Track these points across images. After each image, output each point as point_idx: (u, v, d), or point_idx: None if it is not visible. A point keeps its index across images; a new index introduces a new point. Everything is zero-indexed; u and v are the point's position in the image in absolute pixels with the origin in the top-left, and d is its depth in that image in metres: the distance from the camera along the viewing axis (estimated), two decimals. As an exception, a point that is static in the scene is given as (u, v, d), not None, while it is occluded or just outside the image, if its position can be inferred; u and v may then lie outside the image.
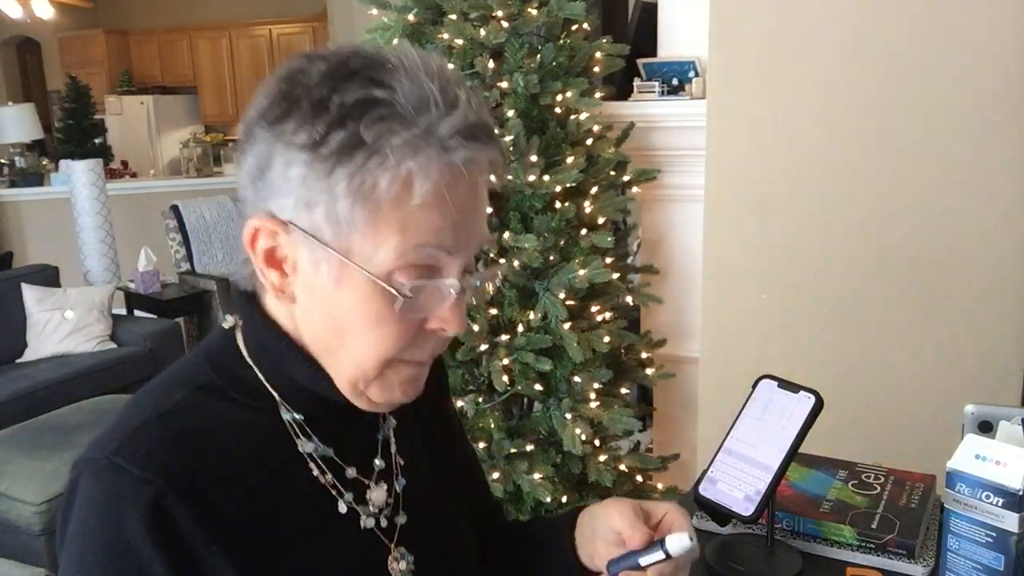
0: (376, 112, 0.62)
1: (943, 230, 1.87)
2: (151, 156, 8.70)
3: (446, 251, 0.65)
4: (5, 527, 2.71)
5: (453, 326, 0.68)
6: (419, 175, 0.62)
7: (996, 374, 1.85)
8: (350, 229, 0.64)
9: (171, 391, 0.71)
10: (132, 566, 0.63)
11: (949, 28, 1.79)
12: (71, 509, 0.66)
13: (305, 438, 0.73)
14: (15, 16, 6.81)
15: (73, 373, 3.90)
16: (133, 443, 0.66)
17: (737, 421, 1.00)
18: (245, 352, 0.73)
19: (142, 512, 0.63)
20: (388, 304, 0.65)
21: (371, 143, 0.62)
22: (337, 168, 0.62)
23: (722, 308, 2.17)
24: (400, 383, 0.71)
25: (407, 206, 0.63)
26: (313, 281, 0.67)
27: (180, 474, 0.65)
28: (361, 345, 0.68)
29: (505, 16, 2.16)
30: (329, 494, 0.73)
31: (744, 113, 2.05)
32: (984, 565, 0.87)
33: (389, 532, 0.77)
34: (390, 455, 0.80)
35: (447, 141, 0.63)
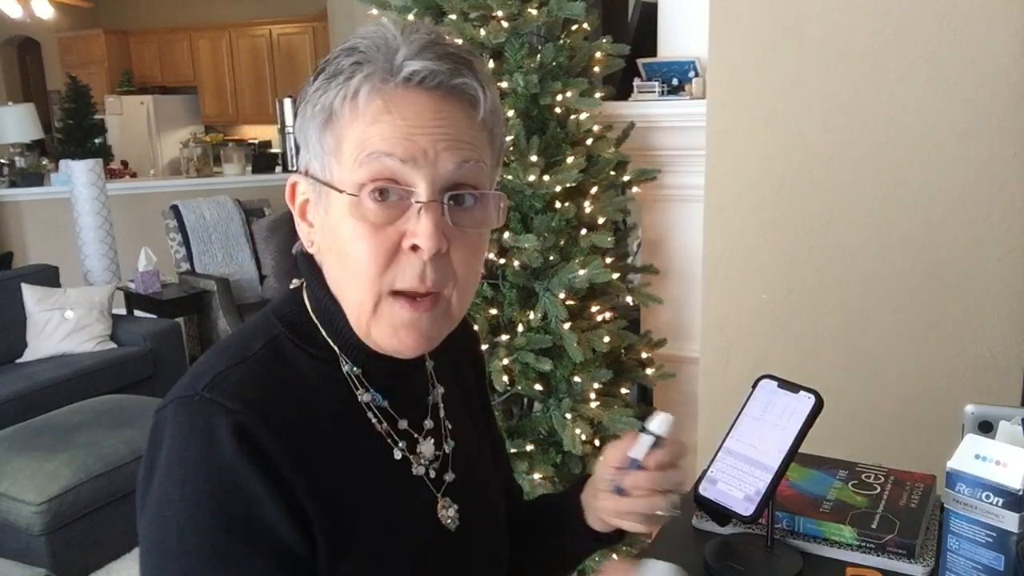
0: (350, 59, 0.71)
1: (943, 230, 1.87)
2: (151, 156, 8.70)
3: (401, 160, 0.69)
4: (5, 527, 2.71)
5: (423, 240, 0.70)
6: (365, 89, 0.70)
7: (996, 374, 1.85)
8: (326, 157, 0.72)
9: (249, 342, 0.76)
10: (232, 482, 0.68)
11: (949, 27, 1.79)
12: (159, 447, 0.70)
13: (363, 389, 0.79)
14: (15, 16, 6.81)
15: (73, 373, 3.90)
16: (222, 382, 0.71)
17: (737, 421, 1.00)
18: (310, 309, 0.79)
19: (233, 434, 0.68)
20: (361, 218, 0.70)
21: (331, 75, 0.71)
22: (309, 103, 0.72)
23: (722, 308, 2.17)
24: (396, 326, 0.73)
25: (361, 123, 0.70)
26: (323, 223, 0.74)
27: (264, 408, 0.71)
28: (352, 271, 0.72)
29: (505, 16, 2.16)
30: (385, 442, 0.79)
31: (744, 113, 2.05)
32: (984, 565, 0.87)
33: (436, 484, 0.83)
34: (439, 419, 0.86)
35: (400, 63, 0.70)
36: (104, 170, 5.40)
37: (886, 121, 1.88)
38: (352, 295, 0.74)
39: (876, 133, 1.89)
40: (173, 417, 0.70)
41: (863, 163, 1.92)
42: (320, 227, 0.75)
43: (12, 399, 3.63)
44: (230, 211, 5.29)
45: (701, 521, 1.09)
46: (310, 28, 8.52)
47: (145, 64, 9.33)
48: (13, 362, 4.03)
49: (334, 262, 0.74)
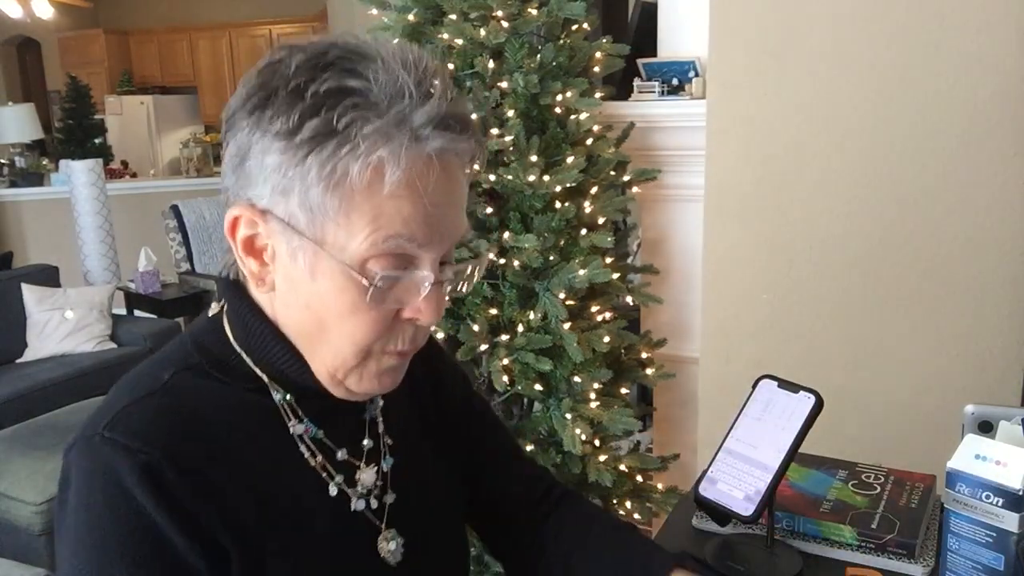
0: (349, 100, 0.63)
1: (943, 230, 1.87)
2: (151, 156, 8.70)
3: (417, 243, 0.66)
4: (5, 527, 2.71)
5: (426, 316, 0.68)
6: (390, 163, 0.63)
7: (996, 374, 1.84)
8: (323, 217, 0.65)
9: (158, 372, 0.72)
10: (138, 524, 0.64)
11: (949, 27, 1.79)
12: (67, 491, 0.67)
13: (296, 419, 0.74)
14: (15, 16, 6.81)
15: (73, 373, 3.90)
16: (125, 419, 0.67)
17: (737, 421, 1.00)
18: (232, 338, 0.74)
19: (139, 476, 0.64)
20: (361, 293, 0.66)
21: (342, 131, 0.62)
22: (310, 155, 0.63)
23: (722, 308, 2.17)
24: (378, 373, 0.72)
25: (379, 195, 0.64)
26: (291, 270, 0.68)
27: (172, 445, 0.66)
28: (339, 335, 0.69)
29: (505, 16, 2.16)
30: (319, 476, 0.75)
31: (744, 113, 2.05)
32: (984, 565, 0.87)
33: (379, 513, 0.78)
34: (378, 435, 0.81)
35: (419, 130, 0.64)
36: (104, 170, 5.40)
37: (886, 121, 1.88)
38: (331, 352, 0.70)
39: (876, 132, 1.89)
40: (76, 460, 0.67)
41: (863, 163, 1.92)
42: (288, 276, 0.69)
43: (12, 399, 3.63)
44: (230, 211, 5.28)
45: (701, 521, 1.09)
46: (310, 28, 8.52)
47: (145, 64, 9.33)
48: (13, 362, 4.04)
49: (307, 316, 0.69)
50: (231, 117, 0.68)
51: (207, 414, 0.70)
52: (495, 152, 2.18)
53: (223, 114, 0.70)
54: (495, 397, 2.25)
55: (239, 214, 0.68)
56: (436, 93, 0.65)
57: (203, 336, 0.75)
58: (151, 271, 4.75)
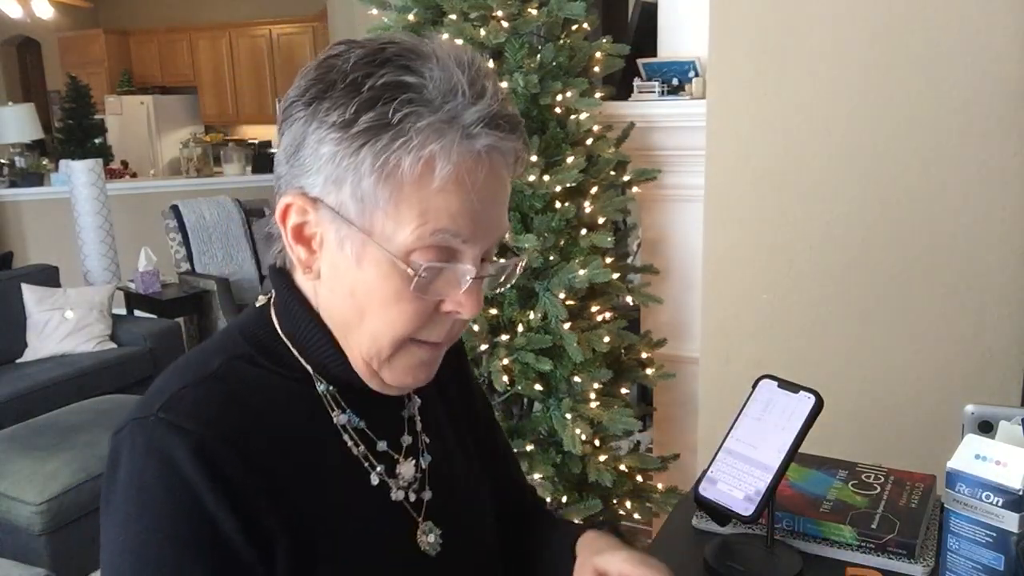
0: (405, 96, 0.65)
1: (944, 230, 1.87)
2: (151, 156, 8.70)
3: (462, 239, 0.68)
4: (5, 527, 2.71)
5: (467, 309, 0.71)
6: (441, 158, 0.65)
7: (996, 374, 1.84)
8: (373, 207, 0.67)
9: (208, 360, 0.73)
10: (191, 504, 0.65)
11: (949, 28, 1.79)
12: (117, 470, 0.68)
13: (339, 410, 0.76)
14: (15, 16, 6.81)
15: (73, 373, 3.90)
16: (178, 401, 0.69)
17: (737, 421, 1.00)
18: (278, 327, 0.77)
19: (193, 456, 0.65)
20: (405, 282, 0.68)
21: (397, 124, 0.65)
22: (364, 147, 0.65)
23: (722, 308, 2.17)
24: (412, 366, 0.74)
25: (428, 188, 0.66)
26: (337, 258, 0.70)
27: (225, 426, 0.68)
28: (378, 322, 0.70)
29: (505, 16, 2.16)
30: (361, 466, 0.77)
31: (744, 113, 2.05)
32: (984, 565, 0.87)
33: (417, 506, 0.80)
34: (416, 433, 0.83)
35: (471, 128, 0.66)
36: (104, 170, 5.40)
37: (886, 121, 1.88)
38: (368, 340, 0.72)
39: (876, 133, 1.89)
40: (129, 440, 0.68)
41: (863, 163, 1.92)
42: (333, 263, 0.71)
43: (12, 399, 3.63)
44: (230, 211, 5.29)
45: (701, 521, 1.09)
46: (310, 28, 8.52)
47: (145, 64, 9.33)
48: (13, 362, 4.04)
49: (349, 304, 0.71)
50: (288, 107, 0.70)
51: (256, 400, 0.72)
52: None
53: (280, 105, 0.72)
54: (495, 397, 2.25)
55: (291, 201, 0.70)
56: (488, 93, 0.67)
57: (251, 325, 0.77)
58: (151, 271, 4.75)
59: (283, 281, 0.77)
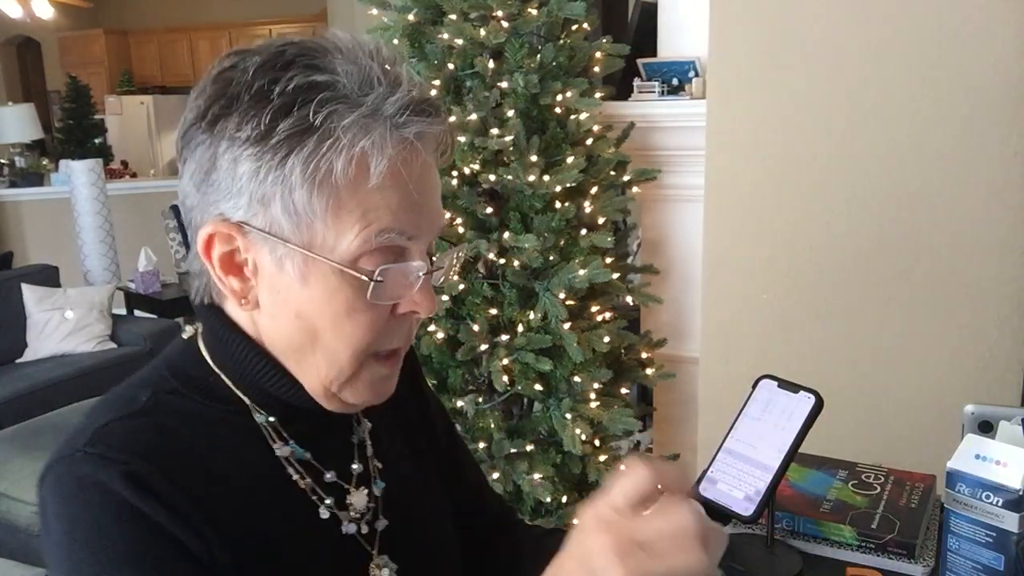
0: (321, 95, 0.61)
1: (944, 230, 1.87)
2: (151, 156, 8.71)
3: (408, 235, 0.65)
4: (5, 527, 2.71)
5: (424, 307, 0.68)
6: (374, 153, 0.62)
7: (996, 374, 1.84)
8: (311, 219, 0.63)
9: (135, 394, 0.68)
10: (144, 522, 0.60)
11: (949, 28, 1.78)
12: (50, 520, 0.62)
13: (281, 441, 0.71)
14: (15, 16, 6.82)
15: (73, 373, 3.90)
16: (106, 435, 0.63)
17: (737, 421, 1.00)
18: (210, 360, 0.71)
19: (128, 483, 0.60)
20: (357, 292, 0.64)
21: (321, 126, 0.61)
22: (289, 156, 0.61)
23: (722, 308, 2.17)
24: (374, 382, 0.70)
25: (365, 188, 0.62)
26: (277, 282, 0.65)
27: (157, 459, 0.62)
28: (334, 340, 0.66)
29: (505, 16, 2.16)
30: (309, 499, 0.71)
31: (744, 113, 2.04)
32: (984, 565, 0.87)
33: (370, 538, 0.75)
34: (367, 459, 0.78)
35: (396, 118, 0.63)
36: (104, 170, 5.40)
37: (886, 121, 1.88)
38: (326, 362, 0.67)
39: (876, 133, 1.89)
40: (55, 482, 0.62)
41: (863, 163, 1.92)
42: (273, 288, 0.66)
43: (12, 399, 3.63)
44: (230, 211, 5.28)
45: (701, 521, 1.09)
46: (310, 28, 8.51)
47: (145, 64, 9.34)
48: (13, 362, 4.03)
49: (298, 327, 0.66)
50: (185, 133, 0.65)
51: (190, 433, 0.66)
52: (495, 152, 2.18)
53: (176, 133, 0.66)
54: (495, 397, 2.25)
55: (213, 231, 0.65)
56: (403, 79, 0.64)
57: (178, 359, 0.72)
58: (151, 271, 4.75)
59: (213, 316, 0.71)
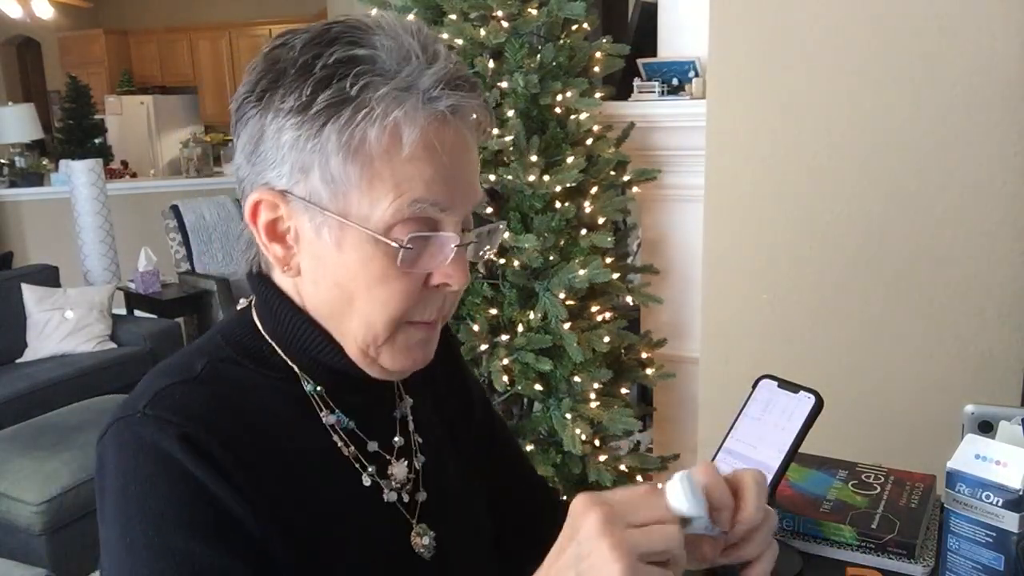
0: (359, 68, 0.64)
1: (944, 230, 1.87)
2: (151, 156, 8.70)
3: (440, 207, 0.67)
4: (5, 527, 2.71)
5: (456, 280, 0.69)
6: (406, 124, 0.64)
7: (996, 374, 1.84)
8: (346, 187, 0.65)
9: (191, 363, 0.71)
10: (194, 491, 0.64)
11: (949, 29, 1.78)
12: (105, 476, 0.66)
13: (327, 410, 0.74)
14: (15, 16, 6.81)
15: (73, 373, 3.90)
16: (163, 399, 0.67)
17: (737, 421, 1.00)
18: (262, 329, 0.75)
19: (182, 445, 0.64)
20: (390, 260, 0.66)
21: (357, 97, 0.64)
22: (327, 125, 0.64)
23: (722, 308, 2.17)
24: (410, 347, 0.72)
25: (398, 158, 0.65)
26: (317, 249, 0.68)
27: (212, 422, 0.66)
28: (369, 307, 0.69)
29: (505, 16, 2.16)
30: (352, 466, 0.75)
31: (744, 113, 2.04)
32: (984, 565, 0.87)
33: (411, 508, 0.78)
34: (408, 434, 0.81)
35: (431, 91, 0.65)
36: (104, 170, 5.40)
37: (886, 121, 1.88)
38: (363, 326, 0.70)
39: (876, 133, 1.89)
40: (115, 439, 0.66)
41: (863, 163, 1.92)
42: (313, 255, 0.69)
43: (12, 399, 3.63)
44: (230, 211, 5.29)
45: (701, 521, 1.09)
46: (310, 28, 8.51)
47: (145, 64, 9.33)
48: (13, 362, 4.04)
49: (336, 293, 0.69)
50: (239, 107, 0.69)
51: (243, 400, 0.70)
52: (495, 152, 2.18)
53: (231, 106, 0.70)
54: (495, 397, 2.25)
55: (259, 198, 0.68)
56: (441, 56, 0.66)
57: (233, 330, 0.76)
58: (151, 271, 4.75)
59: (263, 284, 0.75)
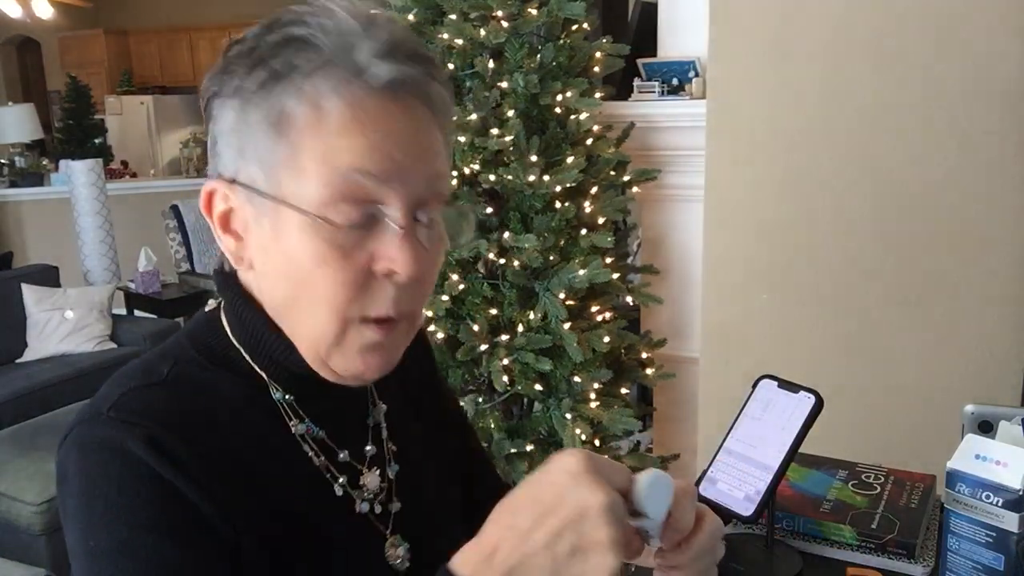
0: (294, 47, 0.62)
1: (943, 230, 1.87)
2: (151, 156, 8.70)
3: (376, 178, 0.62)
4: (5, 527, 2.71)
5: (402, 267, 0.63)
6: (330, 96, 0.61)
7: (996, 374, 1.84)
8: (276, 167, 0.63)
9: (157, 366, 0.68)
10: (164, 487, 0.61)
11: (949, 28, 1.79)
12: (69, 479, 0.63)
13: (297, 419, 0.71)
14: (15, 16, 6.81)
15: (73, 373, 3.90)
16: (127, 402, 0.64)
17: (737, 421, 1.00)
18: (229, 332, 0.71)
19: (147, 446, 0.61)
20: (327, 241, 0.62)
21: (285, 74, 0.62)
22: (253, 102, 0.63)
23: (722, 308, 2.17)
24: (363, 350, 0.67)
25: (326, 132, 0.62)
26: (261, 238, 0.66)
27: (179, 425, 0.63)
28: (311, 298, 0.64)
29: (505, 16, 2.16)
30: (324, 477, 0.72)
31: (744, 113, 2.05)
32: (984, 565, 0.87)
33: (384, 519, 0.76)
34: (382, 441, 0.78)
35: (364, 62, 0.62)
36: (104, 170, 5.40)
37: (886, 121, 1.88)
38: (310, 322, 0.66)
39: (876, 133, 1.89)
40: (77, 444, 0.63)
41: (863, 163, 1.92)
42: (260, 246, 0.66)
43: (12, 399, 3.63)
44: (230, 211, 5.29)
45: (701, 521, 1.09)
46: (310, 28, 8.51)
47: (145, 64, 9.33)
48: (13, 362, 4.04)
49: (283, 286, 0.66)
50: (205, 106, 0.68)
51: (210, 405, 0.67)
52: (495, 152, 2.18)
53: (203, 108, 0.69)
54: (495, 397, 2.25)
55: (212, 188, 0.67)
56: (385, 29, 0.63)
57: (200, 333, 0.72)
58: (151, 271, 4.75)
59: (227, 282, 0.71)
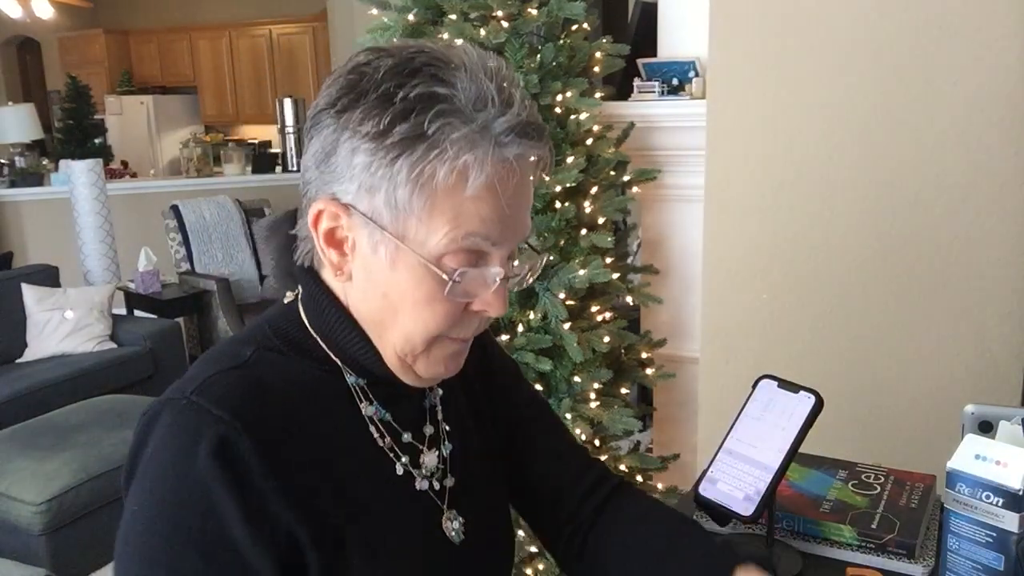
0: (438, 107, 0.67)
1: (944, 230, 1.87)
2: (151, 156, 8.70)
3: (492, 242, 0.71)
4: (5, 527, 2.71)
5: (495, 309, 0.74)
6: (474, 168, 0.68)
7: (996, 374, 1.84)
8: (407, 214, 0.69)
9: (240, 349, 0.76)
10: (198, 496, 0.68)
11: (949, 27, 1.79)
12: (144, 445, 0.71)
13: (367, 402, 0.79)
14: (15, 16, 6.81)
15: (73, 373, 3.90)
16: (211, 386, 0.71)
17: (737, 421, 1.00)
18: (307, 323, 0.79)
19: (213, 446, 0.68)
20: (437, 286, 0.71)
21: (432, 136, 0.67)
22: (400, 158, 0.68)
23: (722, 308, 2.17)
24: (444, 358, 0.77)
25: (460, 196, 0.69)
26: (370, 262, 0.73)
27: (251, 415, 0.70)
28: (411, 322, 0.74)
29: (505, 16, 2.16)
30: (387, 456, 0.80)
31: (744, 113, 2.05)
32: (984, 565, 0.87)
33: (440, 495, 0.83)
34: (437, 422, 0.86)
35: (502, 137, 0.69)
36: (104, 170, 5.40)
37: (886, 121, 1.88)
38: (402, 337, 0.75)
39: (876, 133, 1.89)
40: (159, 419, 0.71)
41: (863, 163, 1.92)
42: (365, 267, 0.74)
43: (12, 399, 3.63)
44: (230, 211, 5.29)
45: (701, 521, 1.09)
46: (310, 28, 8.52)
47: (145, 64, 9.33)
48: (13, 362, 4.04)
49: (380, 304, 0.74)
50: (316, 115, 0.72)
51: (286, 389, 0.74)
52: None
53: (309, 111, 0.74)
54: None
55: (323, 208, 0.72)
56: (516, 101, 0.70)
57: (279, 321, 0.80)
58: (151, 271, 4.75)
59: (312, 279, 0.79)
